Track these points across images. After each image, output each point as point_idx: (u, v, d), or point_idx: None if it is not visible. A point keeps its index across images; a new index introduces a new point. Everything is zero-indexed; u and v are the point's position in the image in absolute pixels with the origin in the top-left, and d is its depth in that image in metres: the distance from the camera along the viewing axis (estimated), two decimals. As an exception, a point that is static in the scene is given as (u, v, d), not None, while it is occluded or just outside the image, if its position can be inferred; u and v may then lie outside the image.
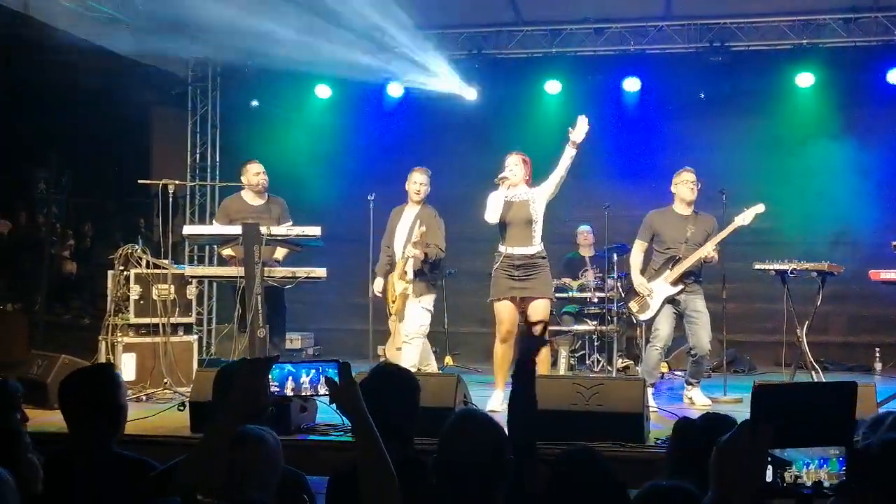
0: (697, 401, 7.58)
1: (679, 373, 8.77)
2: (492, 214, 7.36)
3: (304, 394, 2.77)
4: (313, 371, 2.71)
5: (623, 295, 9.04)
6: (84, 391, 3.34)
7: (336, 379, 2.62)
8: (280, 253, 8.27)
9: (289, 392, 2.76)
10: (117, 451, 3.34)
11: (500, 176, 7.37)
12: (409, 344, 7.86)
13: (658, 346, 7.63)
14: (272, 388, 2.72)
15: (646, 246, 7.87)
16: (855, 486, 1.88)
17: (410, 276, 7.85)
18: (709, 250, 7.50)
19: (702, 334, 7.54)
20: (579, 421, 5.71)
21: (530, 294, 7.26)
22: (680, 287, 7.58)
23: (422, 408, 3.80)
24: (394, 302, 7.98)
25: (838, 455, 1.87)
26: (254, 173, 8.39)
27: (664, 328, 7.63)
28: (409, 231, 7.99)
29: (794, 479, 1.87)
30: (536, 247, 7.33)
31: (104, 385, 3.36)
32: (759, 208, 7.56)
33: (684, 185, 7.76)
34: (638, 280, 7.77)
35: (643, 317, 7.85)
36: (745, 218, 7.53)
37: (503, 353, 7.43)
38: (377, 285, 8.28)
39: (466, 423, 2.99)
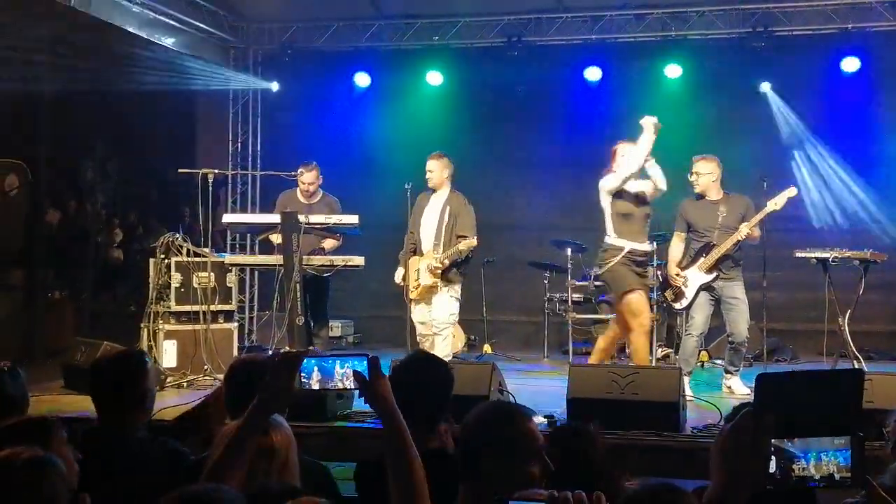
0: (736, 390, 7.51)
1: (719, 361, 8.68)
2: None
3: (330, 387, 2.78)
4: (337, 363, 2.73)
5: (662, 283, 9.03)
6: (110, 375, 3.43)
7: (366, 374, 2.62)
8: (328, 244, 8.40)
9: (315, 385, 2.78)
10: (144, 435, 3.41)
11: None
12: (441, 335, 7.88)
13: (694, 333, 7.56)
14: (301, 380, 2.74)
15: (683, 236, 7.77)
16: (866, 477, 1.84)
17: (439, 271, 7.84)
18: (744, 234, 7.36)
19: (739, 321, 7.45)
20: (614, 409, 5.71)
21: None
22: (715, 274, 7.46)
23: (457, 396, 3.82)
24: (416, 288, 7.99)
25: (845, 445, 1.81)
26: (303, 179, 8.56)
27: (699, 316, 7.56)
28: (438, 218, 7.97)
29: (803, 473, 1.82)
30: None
31: (130, 370, 3.44)
32: (791, 192, 7.44)
33: (699, 174, 7.66)
34: (673, 271, 7.71)
35: (678, 306, 7.79)
36: (777, 202, 7.39)
37: (646, 345, 7.43)
38: (398, 274, 8.27)
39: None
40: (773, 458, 1.80)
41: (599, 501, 1.82)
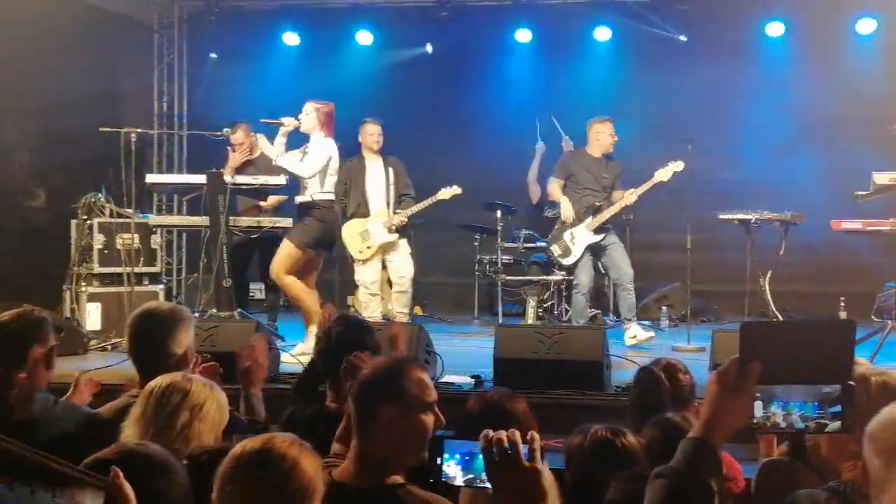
0: (640, 336, 7.66)
1: (607, 319, 8.91)
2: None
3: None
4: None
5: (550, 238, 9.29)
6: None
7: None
8: (273, 199, 8.48)
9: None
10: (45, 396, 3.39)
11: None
12: (405, 291, 8.14)
13: (582, 290, 7.92)
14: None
15: (562, 184, 8.07)
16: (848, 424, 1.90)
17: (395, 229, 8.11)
18: (632, 200, 7.73)
19: (620, 260, 7.81)
20: (540, 369, 5.77)
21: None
22: (602, 235, 7.84)
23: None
24: (369, 248, 8.10)
25: (820, 397, 1.88)
26: (234, 139, 8.53)
27: (584, 275, 7.93)
28: (384, 180, 8.16)
29: (767, 418, 1.90)
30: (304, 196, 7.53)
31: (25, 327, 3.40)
32: (678, 166, 7.72)
33: (607, 135, 7.86)
34: (566, 205, 7.93)
35: (566, 261, 8.05)
36: (664, 174, 7.70)
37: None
38: None
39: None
40: (758, 402, 1.87)
41: (533, 440, 1.87)
